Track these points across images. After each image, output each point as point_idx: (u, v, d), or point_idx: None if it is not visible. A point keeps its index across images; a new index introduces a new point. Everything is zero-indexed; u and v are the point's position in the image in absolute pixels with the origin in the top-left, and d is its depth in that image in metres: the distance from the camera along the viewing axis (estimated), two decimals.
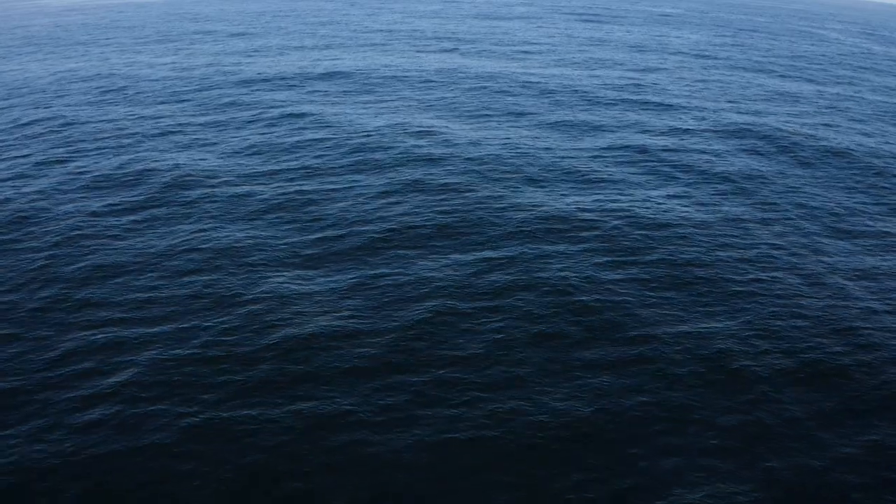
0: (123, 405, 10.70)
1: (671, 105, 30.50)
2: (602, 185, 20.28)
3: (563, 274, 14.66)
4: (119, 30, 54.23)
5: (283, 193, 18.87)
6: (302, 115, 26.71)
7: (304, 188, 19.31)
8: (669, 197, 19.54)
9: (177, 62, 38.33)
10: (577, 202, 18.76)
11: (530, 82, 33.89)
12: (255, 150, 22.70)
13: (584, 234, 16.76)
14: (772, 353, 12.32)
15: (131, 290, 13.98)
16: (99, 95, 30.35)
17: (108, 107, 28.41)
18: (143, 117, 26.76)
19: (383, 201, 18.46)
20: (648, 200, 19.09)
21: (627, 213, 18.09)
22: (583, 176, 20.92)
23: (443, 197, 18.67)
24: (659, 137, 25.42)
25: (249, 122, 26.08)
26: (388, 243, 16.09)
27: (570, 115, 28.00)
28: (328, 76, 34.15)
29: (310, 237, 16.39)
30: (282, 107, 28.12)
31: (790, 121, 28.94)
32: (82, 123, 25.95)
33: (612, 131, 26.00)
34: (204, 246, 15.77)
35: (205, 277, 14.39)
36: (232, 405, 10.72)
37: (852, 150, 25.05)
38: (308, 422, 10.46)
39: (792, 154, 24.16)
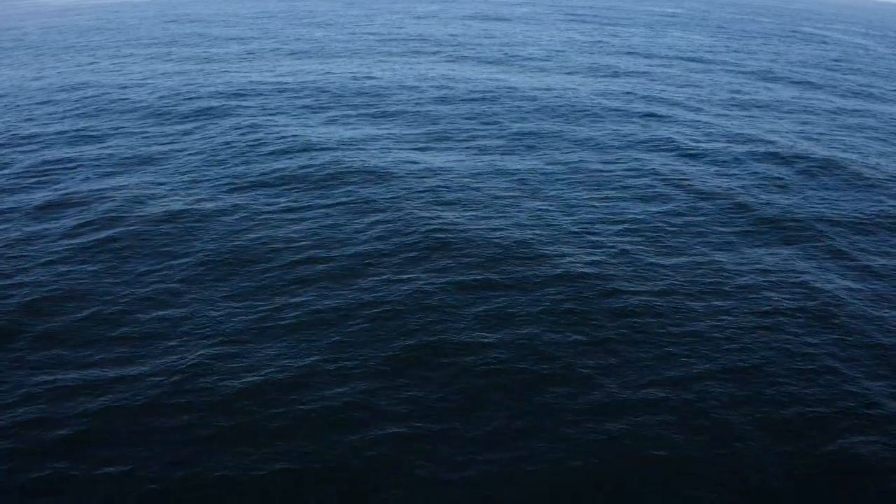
0: (73, 465, 9.50)
1: (677, 119, 29.29)
2: (606, 206, 19.09)
3: (568, 306, 13.48)
4: (112, 32, 53.03)
5: (263, 213, 17.67)
6: (280, 128, 25.46)
7: (289, 205, 18.11)
8: (682, 226, 18.37)
9: (163, 69, 37.12)
10: (581, 219, 17.58)
11: (530, 92, 32.65)
12: (232, 165, 21.48)
13: (593, 258, 15.58)
14: (808, 401, 11.15)
15: (94, 323, 12.78)
16: (79, 106, 29.05)
17: (87, 120, 27.10)
18: (119, 131, 25.52)
19: (370, 219, 17.26)
20: (659, 227, 17.90)
21: (635, 237, 16.93)
22: (587, 198, 19.75)
23: (434, 215, 17.48)
24: (666, 154, 24.18)
25: (225, 135, 24.82)
26: (377, 266, 14.91)
27: (570, 129, 26.80)
28: (316, 87, 32.78)
29: (296, 257, 15.19)
30: (261, 117, 26.89)
31: (804, 130, 27.78)
32: (58, 134, 24.76)
33: (616, 146, 24.77)
34: (180, 274, 14.57)
35: (175, 312, 13.18)
36: (198, 465, 9.53)
37: (863, 161, 23.89)
38: (286, 487, 9.28)
39: (807, 174, 22.66)
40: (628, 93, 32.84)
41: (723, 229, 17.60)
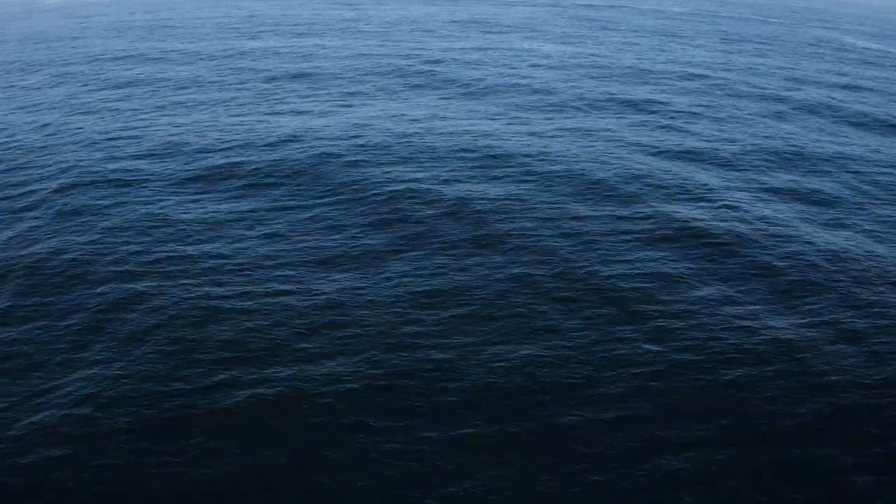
0: None
1: (693, 195, 22.68)
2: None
3: None
4: (92, 39, 50.18)
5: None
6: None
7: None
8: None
9: (106, 106, 31.95)
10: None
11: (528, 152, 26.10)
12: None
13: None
14: None
15: None
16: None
17: None
18: None
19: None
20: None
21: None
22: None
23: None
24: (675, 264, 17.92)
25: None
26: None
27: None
28: (281, 143, 26.07)
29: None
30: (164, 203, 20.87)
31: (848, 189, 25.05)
32: None
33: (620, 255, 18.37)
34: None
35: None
36: None
37: None
38: None
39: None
40: (638, 167, 25.12)
41: None
